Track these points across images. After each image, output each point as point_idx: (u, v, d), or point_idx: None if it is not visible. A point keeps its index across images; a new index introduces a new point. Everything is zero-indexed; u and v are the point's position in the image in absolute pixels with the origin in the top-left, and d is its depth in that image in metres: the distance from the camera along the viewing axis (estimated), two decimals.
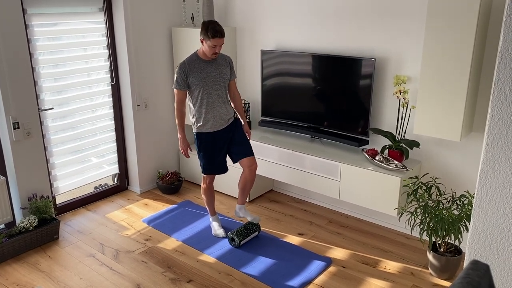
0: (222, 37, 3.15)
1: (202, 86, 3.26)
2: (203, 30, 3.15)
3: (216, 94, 3.32)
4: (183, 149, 3.48)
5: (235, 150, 3.48)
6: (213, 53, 3.21)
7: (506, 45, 1.60)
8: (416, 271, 3.18)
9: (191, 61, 3.27)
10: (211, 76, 3.28)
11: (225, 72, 3.37)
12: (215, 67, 3.31)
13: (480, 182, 1.76)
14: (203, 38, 3.17)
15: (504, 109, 1.64)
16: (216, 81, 3.31)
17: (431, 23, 2.88)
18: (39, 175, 3.63)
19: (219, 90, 3.34)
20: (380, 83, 3.52)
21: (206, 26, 3.14)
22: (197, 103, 3.32)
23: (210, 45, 3.15)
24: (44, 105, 3.66)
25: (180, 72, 3.25)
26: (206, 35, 3.13)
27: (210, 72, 3.28)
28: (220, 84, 3.33)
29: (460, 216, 2.91)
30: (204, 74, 3.26)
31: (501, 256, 1.77)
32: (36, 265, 3.26)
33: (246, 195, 3.64)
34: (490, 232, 1.78)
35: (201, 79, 3.25)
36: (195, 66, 3.25)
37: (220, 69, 3.34)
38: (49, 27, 3.60)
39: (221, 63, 3.35)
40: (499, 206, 1.73)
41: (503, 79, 1.63)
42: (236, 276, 3.12)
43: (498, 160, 1.69)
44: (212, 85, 3.29)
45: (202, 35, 3.16)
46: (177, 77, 3.27)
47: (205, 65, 3.28)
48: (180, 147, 3.49)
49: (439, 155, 3.37)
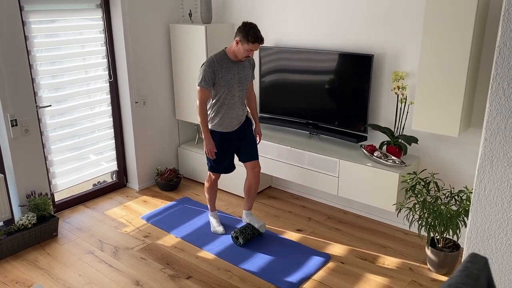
0: (262, 43, 3.08)
1: (227, 87, 3.18)
2: (242, 32, 3.04)
3: (238, 96, 3.26)
4: (209, 150, 3.30)
5: (243, 151, 3.45)
6: (246, 56, 3.14)
7: (504, 40, 1.60)
8: (415, 267, 3.19)
9: (220, 59, 3.16)
10: (237, 78, 3.21)
11: (249, 74, 3.32)
12: (241, 68, 3.23)
13: (478, 177, 1.76)
14: (240, 40, 3.05)
15: (502, 104, 1.65)
16: (240, 83, 3.24)
17: (429, 18, 2.87)
18: (37, 173, 3.63)
19: (241, 92, 3.28)
20: (379, 79, 3.52)
21: (247, 29, 3.03)
22: (218, 102, 3.23)
23: (247, 48, 3.06)
24: (42, 102, 3.65)
25: (209, 70, 3.12)
26: (246, 38, 3.02)
27: (236, 73, 3.21)
28: (243, 86, 3.28)
29: (458, 211, 2.92)
30: (231, 75, 3.18)
31: (499, 250, 1.78)
32: (35, 263, 3.26)
33: (252, 200, 3.63)
34: (488, 226, 1.79)
35: (227, 80, 3.17)
36: (223, 66, 3.15)
37: (245, 71, 3.27)
38: (46, 24, 3.59)
39: (246, 65, 3.29)
40: (497, 200, 1.74)
41: (501, 74, 1.63)
42: (235, 272, 3.13)
43: (496, 155, 1.70)
44: (236, 87, 3.22)
45: (240, 37, 3.05)
46: (205, 75, 3.12)
47: (232, 66, 3.19)
48: (206, 148, 3.31)
49: (437, 150, 3.38)
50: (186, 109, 4.43)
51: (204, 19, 4.14)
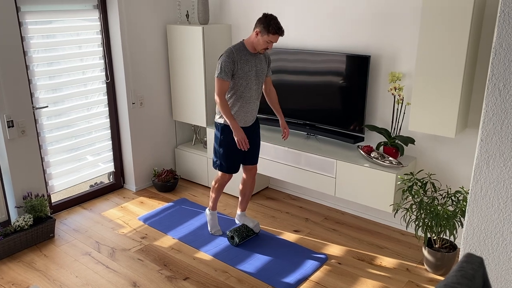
0: (282, 35, 3.05)
1: (245, 79, 3.11)
2: (263, 23, 2.99)
3: (255, 89, 3.20)
4: (242, 139, 3.12)
5: (247, 152, 3.39)
6: (265, 48, 3.09)
7: (500, 41, 1.60)
8: (412, 267, 3.20)
9: (239, 50, 3.09)
10: (254, 71, 3.15)
11: (265, 68, 3.26)
12: (258, 61, 3.18)
13: (475, 177, 1.77)
14: (261, 31, 3.00)
15: (498, 104, 1.65)
16: (257, 76, 3.19)
17: (425, 20, 2.88)
18: (34, 174, 3.62)
19: (258, 85, 3.22)
20: (375, 80, 3.53)
21: (268, 20, 2.98)
22: (235, 95, 3.14)
23: (267, 40, 3.01)
24: (39, 103, 3.64)
25: (228, 61, 3.03)
26: (267, 29, 2.98)
27: (254, 66, 3.15)
28: (260, 79, 3.22)
29: (455, 212, 2.93)
30: (249, 67, 3.12)
31: (495, 250, 1.78)
32: (32, 264, 3.25)
33: (247, 201, 3.63)
34: (484, 227, 1.79)
35: (246, 72, 3.10)
36: (242, 57, 3.08)
37: (262, 64, 3.22)
38: (43, 24, 3.58)
39: (262, 59, 3.24)
40: (493, 201, 1.74)
41: (497, 74, 1.63)
42: (232, 273, 3.13)
43: (493, 156, 1.70)
44: (253, 80, 3.16)
45: (261, 28, 3.00)
46: (224, 66, 3.03)
47: (250, 58, 3.12)
48: (238, 137, 3.12)
49: (434, 151, 3.39)
50: (183, 110, 4.43)
51: (201, 20, 4.14)
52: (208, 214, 3.67)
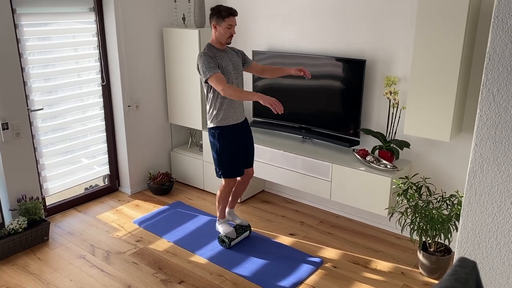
0: (236, 15, 3.06)
1: (226, 75, 3.10)
2: (214, 14, 3.04)
3: (236, 83, 3.21)
4: (273, 102, 2.85)
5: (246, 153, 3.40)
6: (229, 36, 3.10)
7: (494, 46, 1.62)
8: (407, 271, 3.20)
9: (211, 50, 3.11)
10: (231, 65, 3.17)
11: (239, 62, 3.28)
12: (231, 56, 3.21)
13: (469, 181, 1.78)
14: (216, 22, 3.05)
15: (492, 109, 1.66)
16: (235, 69, 3.20)
17: (421, 24, 2.90)
18: (28, 176, 3.60)
19: (238, 79, 3.23)
20: (371, 84, 3.54)
21: (217, 8, 3.04)
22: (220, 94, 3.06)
23: (226, 26, 3.04)
24: (34, 106, 3.62)
25: (207, 57, 3.04)
26: (220, 16, 3.02)
27: (229, 60, 3.17)
28: (238, 73, 3.24)
29: (449, 216, 2.94)
30: (226, 62, 3.14)
31: (489, 254, 1.79)
32: (26, 267, 3.23)
33: (236, 200, 3.65)
34: (479, 231, 1.80)
35: (224, 67, 3.11)
36: (215, 55, 3.10)
37: (235, 58, 3.24)
38: (39, 27, 3.57)
39: (234, 53, 3.27)
40: (487, 205, 1.75)
41: (491, 79, 1.65)
42: (227, 277, 3.12)
43: (487, 160, 1.71)
44: (233, 74, 3.17)
45: (215, 19, 3.05)
46: (208, 62, 3.02)
47: (223, 54, 3.15)
48: (269, 101, 2.85)
49: (429, 155, 3.40)
50: (179, 113, 4.43)
51: (197, 23, 4.14)
52: (220, 226, 3.54)
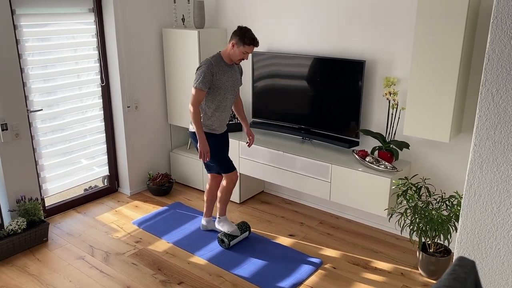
0: (256, 46, 3.16)
1: (223, 90, 3.23)
2: (238, 35, 3.11)
3: (230, 99, 3.32)
4: (205, 152, 3.22)
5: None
6: (240, 60, 3.21)
7: (493, 46, 1.62)
8: (406, 272, 3.20)
9: (217, 62, 3.20)
10: (230, 81, 3.28)
11: (239, 79, 3.41)
12: (233, 72, 3.31)
13: (468, 182, 1.78)
14: (236, 43, 3.13)
15: (491, 110, 1.66)
16: (233, 86, 3.32)
17: (420, 25, 2.90)
18: (27, 177, 3.60)
19: (232, 95, 3.35)
20: (370, 85, 3.54)
21: (243, 32, 3.11)
22: (213, 105, 3.25)
23: (243, 51, 3.14)
24: (33, 107, 3.62)
25: (207, 72, 3.13)
26: (242, 40, 3.10)
27: (230, 76, 3.27)
28: (235, 89, 3.36)
29: (449, 216, 2.94)
30: (226, 78, 3.24)
31: (489, 255, 1.79)
32: (25, 268, 3.22)
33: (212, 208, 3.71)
34: (478, 231, 1.80)
35: (223, 82, 3.22)
36: (220, 69, 3.20)
37: (236, 75, 3.36)
38: (38, 27, 3.57)
39: (237, 70, 3.37)
40: (486, 205, 1.75)
41: (490, 80, 1.65)
42: (227, 278, 3.12)
43: (486, 161, 1.71)
44: (229, 90, 3.29)
45: (236, 40, 3.12)
46: (203, 76, 3.13)
47: (227, 69, 3.25)
48: (203, 149, 3.21)
49: (428, 156, 3.40)
50: (179, 114, 4.43)
51: (197, 24, 4.15)
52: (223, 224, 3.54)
